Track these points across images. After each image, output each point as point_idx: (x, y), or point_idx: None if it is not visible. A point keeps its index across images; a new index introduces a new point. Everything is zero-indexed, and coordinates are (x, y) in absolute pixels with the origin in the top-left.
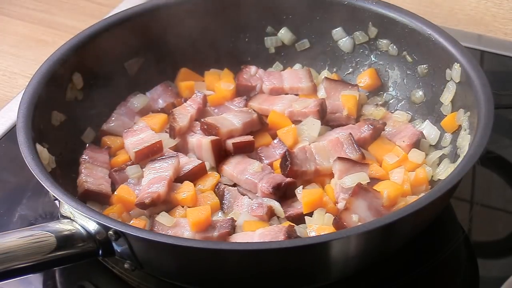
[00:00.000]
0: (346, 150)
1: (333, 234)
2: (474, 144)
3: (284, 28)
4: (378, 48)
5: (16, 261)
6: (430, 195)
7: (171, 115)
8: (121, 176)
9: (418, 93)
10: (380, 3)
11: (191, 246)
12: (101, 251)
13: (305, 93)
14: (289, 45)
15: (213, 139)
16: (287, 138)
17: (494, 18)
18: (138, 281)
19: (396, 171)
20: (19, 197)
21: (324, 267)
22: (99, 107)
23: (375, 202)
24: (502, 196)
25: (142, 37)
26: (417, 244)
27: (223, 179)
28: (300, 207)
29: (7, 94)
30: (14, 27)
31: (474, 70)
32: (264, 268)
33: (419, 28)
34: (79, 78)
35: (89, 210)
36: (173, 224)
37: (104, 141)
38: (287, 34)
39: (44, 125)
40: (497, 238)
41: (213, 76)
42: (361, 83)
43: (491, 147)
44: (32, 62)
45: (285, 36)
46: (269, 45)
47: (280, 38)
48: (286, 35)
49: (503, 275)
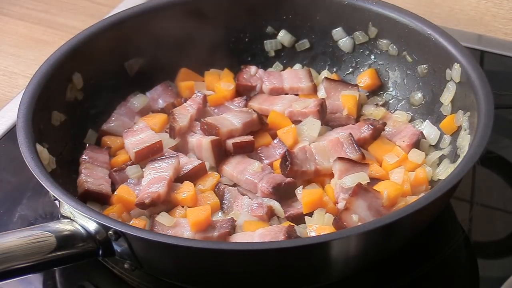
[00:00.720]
0: (346, 150)
1: (333, 234)
2: (474, 144)
3: (283, 30)
4: (378, 48)
5: (16, 261)
6: (430, 195)
7: (171, 115)
8: (121, 176)
9: (417, 95)
10: (380, 3)
11: (191, 246)
12: (101, 251)
13: (305, 93)
14: (289, 47)
15: (213, 139)
16: (287, 138)
17: (494, 18)
18: (138, 281)
19: (396, 171)
20: (19, 197)
21: (324, 267)
22: (99, 107)
23: (375, 202)
24: (502, 196)
25: (142, 37)
26: (417, 244)
27: (223, 179)
28: (300, 207)
29: (7, 94)
30: (14, 27)
31: (474, 70)
32: (264, 268)
33: (419, 28)
34: (79, 78)
35: (89, 210)
36: (173, 224)
37: (104, 141)
38: (287, 36)
39: (44, 125)
40: (497, 238)
41: (213, 76)
42: (361, 83)
43: (491, 147)
44: (32, 62)
45: (285, 38)
46: (269, 48)
47: (279, 41)
48: (286, 37)
49: (503, 275)
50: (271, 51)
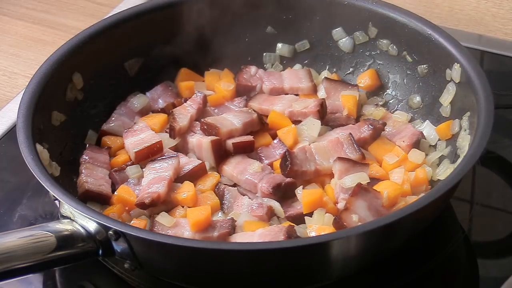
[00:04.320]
0: (346, 150)
1: (333, 234)
2: (474, 144)
3: (280, 43)
4: (378, 48)
5: (16, 261)
6: (430, 195)
7: (171, 115)
8: (121, 176)
9: (416, 99)
10: (380, 3)
11: (191, 246)
12: (101, 251)
13: (305, 93)
14: (290, 56)
15: (213, 139)
16: (287, 138)
17: (494, 18)
18: (138, 281)
19: (396, 171)
20: (19, 197)
21: (324, 267)
22: (99, 107)
23: (375, 202)
24: (502, 196)
25: (141, 37)
26: (417, 244)
27: (223, 179)
28: (300, 207)
29: (7, 94)
30: (14, 27)
31: (474, 70)
32: (264, 268)
33: (419, 28)
34: (79, 78)
35: (89, 210)
36: (173, 224)
37: (104, 141)
38: (285, 47)
39: (44, 125)
40: (497, 238)
41: (213, 76)
42: (361, 83)
43: (491, 147)
44: (32, 62)
45: (283, 50)
46: (266, 61)
47: (278, 54)
48: (284, 49)
49: (503, 275)
50: (268, 63)
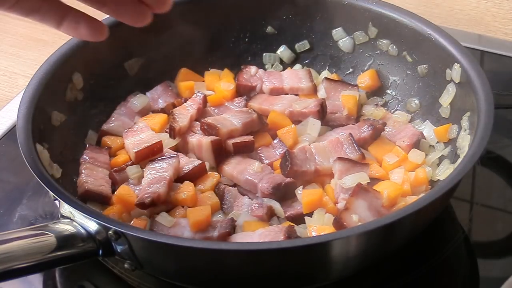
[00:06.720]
0: (346, 150)
1: (333, 234)
2: (474, 144)
3: (283, 46)
4: (378, 48)
5: (16, 261)
6: (430, 195)
7: (171, 115)
8: (121, 176)
9: (414, 102)
10: (380, 3)
11: (191, 246)
12: (101, 251)
13: (305, 93)
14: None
15: (213, 139)
16: (287, 138)
17: (494, 18)
18: (138, 281)
19: (396, 171)
20: (19, 197)
21: (324, 267)
22: (99, 107)
23: (375, 202)
24: (502, 196)
25: (141, 37)
26: (417, 244)
27: (223, 179)
28: (300, 207)
29: (7, 94)
30: (14, 27)
31: (474, 70)
32: (264, 268)
33: (419, 28)
34: (79, 78)
35: (89, 210)
36: (173, 224)
37: (104, 141)
38: (286, 52)
39: (44, 125)
40: (497, 238)
41: (213, 76)
42: (362, 83)
43: (491, 147)
44: (32, 62)
45: (284, 54)
46: (266, 61)
47: (279, 55)
48: (285, 53)
49: (503, 275)
50: (268, 64)
